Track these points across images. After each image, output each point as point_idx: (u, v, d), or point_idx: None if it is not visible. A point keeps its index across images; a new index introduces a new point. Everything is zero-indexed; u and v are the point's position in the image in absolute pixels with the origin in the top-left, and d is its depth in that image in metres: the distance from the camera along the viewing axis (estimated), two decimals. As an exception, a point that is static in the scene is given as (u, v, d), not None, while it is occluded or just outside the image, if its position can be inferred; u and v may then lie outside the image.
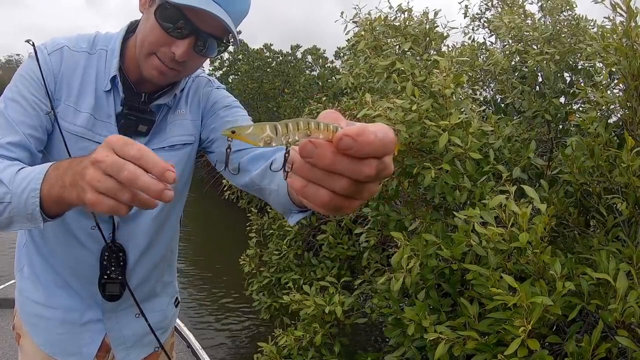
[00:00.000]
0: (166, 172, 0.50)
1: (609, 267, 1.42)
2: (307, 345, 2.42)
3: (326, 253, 3.19)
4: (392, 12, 2.40)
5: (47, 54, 0.87)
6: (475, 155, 1.52)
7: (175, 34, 0.80)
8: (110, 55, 0.90)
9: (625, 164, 1.38)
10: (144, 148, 0.51)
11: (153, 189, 0.50)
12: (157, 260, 1.06)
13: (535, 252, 1.27)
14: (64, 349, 1.00)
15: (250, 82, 12.02)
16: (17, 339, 1.06)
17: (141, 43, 0.83)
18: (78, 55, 0.89)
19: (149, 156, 0.51)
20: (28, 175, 0.65)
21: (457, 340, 1.39)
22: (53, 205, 0.63)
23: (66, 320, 0.99)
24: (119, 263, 0.95)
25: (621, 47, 1.67)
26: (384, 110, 1.63)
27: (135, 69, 0.89)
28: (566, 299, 1.40)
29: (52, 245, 0.97)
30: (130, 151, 0.50)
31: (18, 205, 0.64)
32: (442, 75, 1.60)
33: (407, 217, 1.83)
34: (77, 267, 0.97)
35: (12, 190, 0.65)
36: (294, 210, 0.73)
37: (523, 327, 1.21)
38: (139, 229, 0.97)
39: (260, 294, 3.56)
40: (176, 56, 0.80)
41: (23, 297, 1.02)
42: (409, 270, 1.51)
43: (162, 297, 1.13)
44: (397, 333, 1.74)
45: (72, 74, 0.88)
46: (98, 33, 0.94)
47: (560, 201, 1.88)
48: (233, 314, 5.70)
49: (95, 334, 1.01)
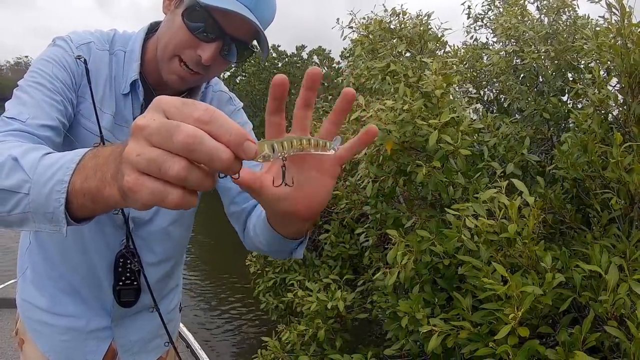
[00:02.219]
0: (246, 141, 0.35)
1: (601, 260, 1.45)
2: (310, 340, 2.47)
3: (329, 252, 3.24)
4: (386, 15, 2.45)
5: (74, 46, 0.81)
6: (465, 152, 1.56)
7: (203, 36, 0.76)
8: (129, 57, 0.86)
9: (614, 159, 1.41)
10: (212, 108, 0.36)
11: (224, 156, 0.34)
12: (171, 265, 1.04)
13: (524, 243, 1.31)
14: (68, 356, 0.96)
15: (258, 83, 12.12)
16: (19, 344, 1.02)
17: (165, 45, 0.80)
18: (102, 53, 0.85)
19: (221, 118, 0.36)
20: (56, 162, 0.49)
21: (451, 331, 1.43)
22: (86, 203, 0.47)
23: (71, 328, 0.96)
24: (134, 269, 0.92)
25: (615, 45, 1.69)
26: (375, 112, 1.68)
27: (153, 72, 0.86)
28: (558, 291, 1.43)
29: (61, 251, 0.92)
30: (193, 112, 0.35)
31: (37, 199, 0.49)
32: (432, 76, 1.64)
33: (405, 215, 1.88)
34: (87, 273, 0.93)
35: (33, 179, 0.50)
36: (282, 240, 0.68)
37: (513, 314, 1.25)
38: (153, 231, 0.95)
39: (267, 294, 3.62)
40: (202, 59, 0.77)
41: (26, 303, 0.98)
42: (403, 265, 1.56)
43: (169, 302, 1.11)
44: (395, 326, 1.78)
45: (98, 72, 0.84)
46: (116, 32, 0.90)
47: (557, 197, 1.91)
48: (238, 314, 5.76)
49: (101, 342, 0.98)
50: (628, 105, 1.74)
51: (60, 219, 0.48)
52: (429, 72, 1.77)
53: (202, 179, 0.36)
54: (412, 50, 2.43)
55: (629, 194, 1.53)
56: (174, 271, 1.09)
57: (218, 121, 0.35)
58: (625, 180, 1.44)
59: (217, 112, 0.36)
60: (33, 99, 0.72)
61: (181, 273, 1.18)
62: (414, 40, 2.15)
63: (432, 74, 1.71)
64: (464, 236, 1.37)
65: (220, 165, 0.35)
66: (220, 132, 0.35)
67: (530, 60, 2.27)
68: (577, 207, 1.98)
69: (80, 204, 0.47)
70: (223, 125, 0.35)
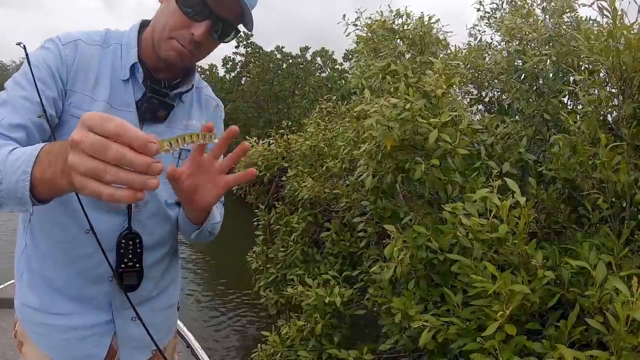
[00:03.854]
0: (148, 144, 0.48)
1: (589, 257, 1.49)
2: (308, 335, 2.53)
3: (329, 249, 3.30)
4: (390, 16, 2.50)
5: (61, 45, 0.89)
6: (462, 151, 1.61)
7: (195, 17, 0.87)
8: (126, 47, 0.94)
9: (600, 160, 1.45)
10: (122, 122, 0.49)
11: (141, 161, 0.48)
12: (167, 249, 1.07)
13: (514, 243, 1.35)
14: (71, 354, 0.97)
15: (262, 84, 12.20)
16: (19, 346, 1.02)
17: (162, 28, 0.89)
18: (92, 48, 0.92)
19: (129, 130, 0.48)
20: (21, 157, 0.63)
21: (442, 327, 1.48)
22: (45, 189, 0.61)
23: (72, 326, 0.96)
24: (136, 250, 0.95)
25: (605, 48, 1.73)
26: (379, 107, 1.74)
27: (150, 59, 0.94)
28: (546, 287, 1.48)
29: (57, 249, 0.94)
30: (108, 127, 0.48)
31: (8, 187, 0.63)
32: (434, 77, 1.69)
33: (402, 209, 1.93)
34: (85, 268, 0.95)
35: (4, 171, 0.64)
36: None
37: (501, 312, 1.29)
38: (150, 214, 0.98)
39: (268, 290, 3.68)
40: (195, 36, 0.87)
41: (23, 305, 0.99)
42: (400, 261, 1.60)
43: (168, 296, 1.12)
44: (390, 321, 1.83)
45: (87, 65, 0.90)
46: (109, 29, 0.98)
47: (550, 197, 1.95)
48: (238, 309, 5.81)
49: (103, 336, 0.99)
50: (619, 106, 1.78)
51: (27, 201, 0.62)
52: (431, 71, 1.82)
53: (130, 182, 0.49)
54: (413, 51, 2.48)
55: (616, 193, 1.57)
56: (172, 261, 1.11)
57: (128, 132, 0.48)
58: (613, 180, 1.48)
59: (126, 125, 0.49)
60: (8, 102, 0.81)
61: (179, 269, 1.19)
62: (415, 42, 2.20)
63: (435, 73, 1.76)
64: (459, 232, 1.42)
65: (140, 167, 0.49)
66: (131, 139, 0.48)
67: (531, 62, 2.30)
68: (572, 207, 2.01)
69: (41, 190, 0.61)
70: (131, 134, 0.48)
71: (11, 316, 1.06)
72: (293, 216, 3.68)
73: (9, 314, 1.22)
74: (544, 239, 2.02)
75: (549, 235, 2.07)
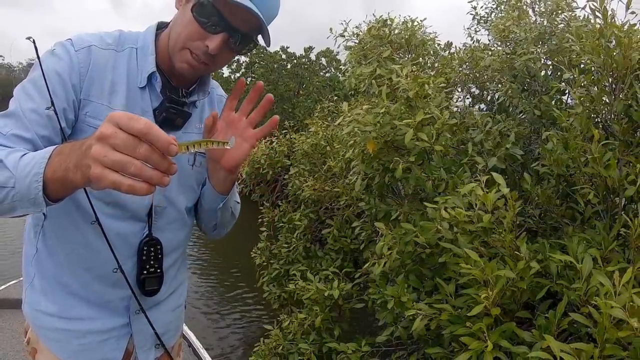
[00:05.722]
0: (170, 145, 0.53)
1: (577, 251, 1.53)
2: (309, 329, 2.59)
3: (331, 246, 3.36)
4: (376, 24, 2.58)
5: (73, 50, 0.85)
6: (439, 148, 1.66)
7: (210, 29, 0.83)
8: (142, 52, 0.91)
9: (591, 155, 1.49)
10: (149, 122, 0.53)
11: (163, 164, 0.54)
12: (179, 253, 1.07)
13: (500, 232, 1.40)
14: (87, 358, 0.96)
15: (266, 84, 12.30)
16: (32, 353, 1.00)
17: (176, 37, 0.86)
18: (106, 53, 0.89)
19: (155, 131, 0.53)
20: (32, 160, 0.66)
21: (434, 315, 1.54)
22: (57, 188, 0.64)
23: (88, 330, 0.95)
24: (157, 256, 0.95)
25: (596, 46, 1.77)
26: (355, 116, 1.81)
27: (166, 65, 0.91)
28: (536, 279, 1.52)
29: (73, 254, 0.93)
30: (136, 125, 0.52)
31: (21, 190, 0.65)
32: (404, 80, 1.75)
33: (394, 208, 1.99)
34: (101, 272, 0.93)
35: (16, 175, 0.66)
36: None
37: (486, 294, 1.34)
38: (169, 220, 0.98)
39: (271, 285, 3.75)
40: (209, 49, 0.84)
41: (36, 311, 0.96)
42: (389, 256, 1.66)
43: (178, 297, 1.12)
44: (386, 313, 1.89)
45: (102, 72, 0.87)
46: (122, 31, 0.94)
47: (544, 193, 1.99)
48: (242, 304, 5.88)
49: (120, 339, 0.98)
50: (610, 104, 1.82)
51: (40, 201, 0.65)
52: (398, 77, 1.88)
53: (149, 177, 0.54)
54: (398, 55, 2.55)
55: (608, 188, 1.61)
56: (182, 263, 1.12)
57: (153, 132, 0.53)
58: (603, 176, 1.52)
59: (153, 126, 0.53)
60: (16, 114, 0.79)
61: (187, 271, 1.19)
62: (402, 45, 2.27)
63: (403, 77, 1.83)
64: (441, 227, 1.47)
65: (162, 167, 0.55)
66: (154, 140, 0.53)
67: (521, 61, 2.35)
68: (566, 203, 2.05)
69: (53, 188, 0.64)
70: (155, 135, 0.53)
71: (12, 317, 1.00)
72: (296, 213, 3.75)
73: (10, 314, 1.19)
74: (541, 235, 2.06)
75: (546, 231, 2.11)
